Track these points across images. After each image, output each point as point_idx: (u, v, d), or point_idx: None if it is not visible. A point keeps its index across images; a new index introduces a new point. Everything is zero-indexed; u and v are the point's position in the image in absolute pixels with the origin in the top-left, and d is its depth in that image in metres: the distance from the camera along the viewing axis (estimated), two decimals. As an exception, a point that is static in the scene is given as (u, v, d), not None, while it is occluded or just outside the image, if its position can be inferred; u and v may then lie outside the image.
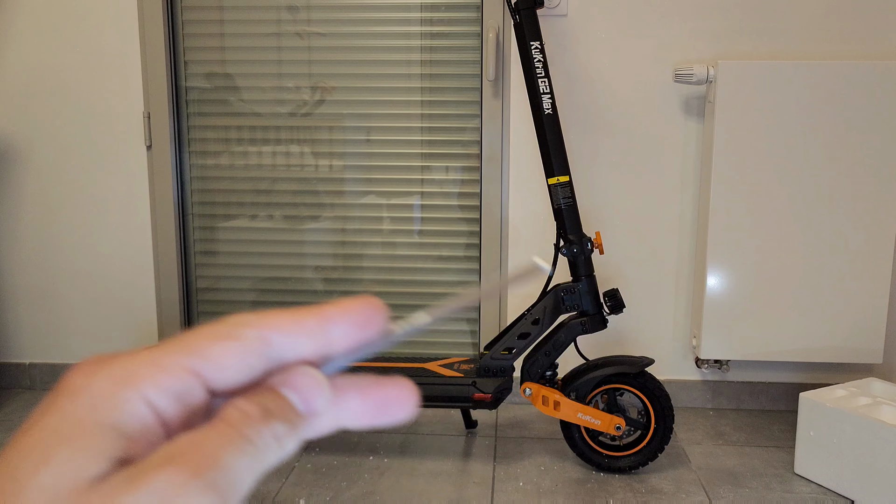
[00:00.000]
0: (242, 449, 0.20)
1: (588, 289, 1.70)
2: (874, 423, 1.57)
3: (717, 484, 1.70)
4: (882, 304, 1.93)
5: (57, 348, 2.28)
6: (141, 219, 2.20)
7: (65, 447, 0.19)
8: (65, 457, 0.19)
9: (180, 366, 0.20)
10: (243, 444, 0.20)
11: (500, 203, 2.12)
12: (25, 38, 2.14)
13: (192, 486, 0.18)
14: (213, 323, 0.22)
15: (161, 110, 2.15)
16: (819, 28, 1.98)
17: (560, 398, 1.70)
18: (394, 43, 2.12)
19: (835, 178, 1.90)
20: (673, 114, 2.05)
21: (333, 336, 0.22)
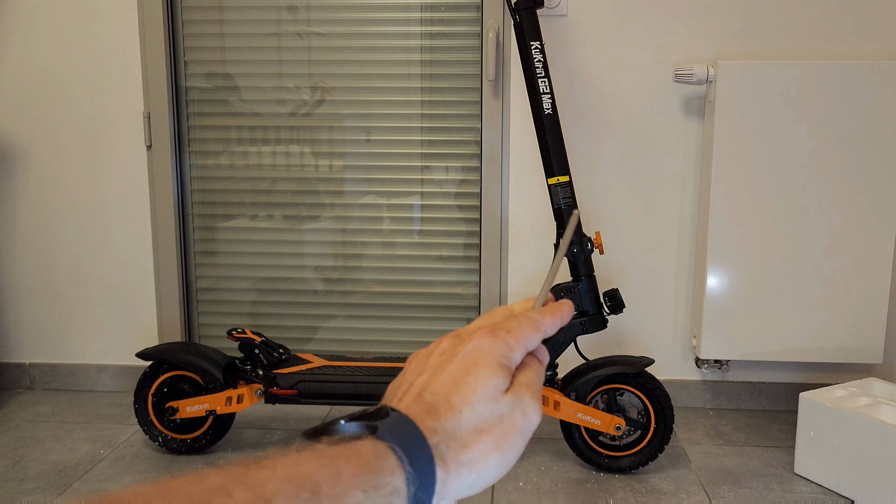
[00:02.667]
0: (541, 380, 0.42)
1: (588, 289, 1.70)
2: (874, 422, 1.57)
3: (717, 484, 1.70)
4: (882, 304, 1.94)
5: (57, 348, 2.28)
6: (141, 219, 2.20)
7: (494, 374, 0.39)
8: (497, 378, 0.39)
9: (524, 344, 0.42)
10: (541, 378, 0.42)
11: (500, 203, 2.12)
12: (25, 38, 2.14)
13: (532, 398, 0.40)
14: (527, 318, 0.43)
15: (161, 110, 2.15)
16: (819, 28, 1.98)
17: (560, 398, 1.70)
18: (394, 43, 2.12)
19: (835, 178, 1.90)
20: (673, 114, 2.05)
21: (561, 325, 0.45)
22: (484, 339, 0.41)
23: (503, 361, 0.40)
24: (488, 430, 0.38)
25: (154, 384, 1.82)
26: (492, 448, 0.37)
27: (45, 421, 2.05)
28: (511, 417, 0.39)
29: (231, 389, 1.78)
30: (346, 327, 2.27)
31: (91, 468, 1.76)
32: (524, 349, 0.42)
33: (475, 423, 0.37)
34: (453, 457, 0.36)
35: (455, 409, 0.37)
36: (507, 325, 0.42)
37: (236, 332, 1.81)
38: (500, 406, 0.39)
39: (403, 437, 0.35)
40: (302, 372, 1.77)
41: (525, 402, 0.40)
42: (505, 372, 0.40)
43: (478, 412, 0.38)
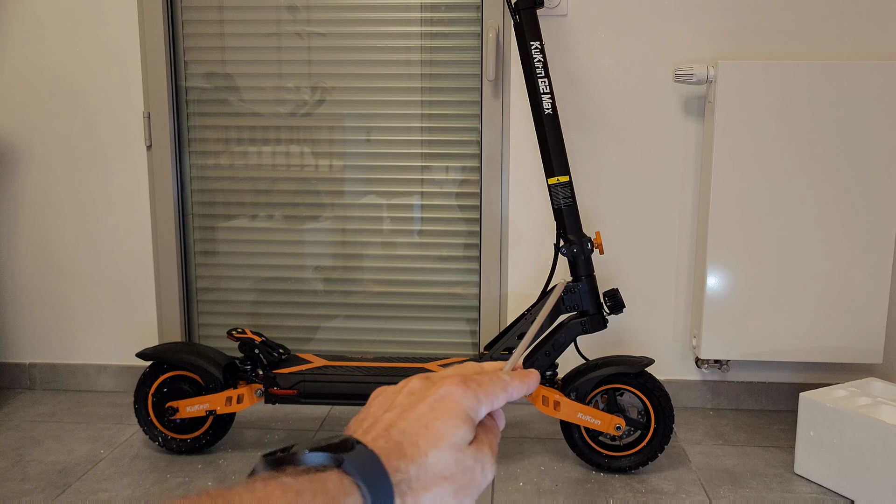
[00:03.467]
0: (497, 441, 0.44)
1: (588, 289, 1.70)
2: (874, 423, 1.57)
3: (717, 484, 1.70)
4: (882, 304, 1.94)
5: (57, 348, 2.28)
6: (141, 219, 2.20)
7: (462, 424, 0.40)
8: (464, 429, 0.40)
9: (491, 401, 0.43)
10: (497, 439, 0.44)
11: (500, 203, 2.12)
12: (25, 38, 2.14)
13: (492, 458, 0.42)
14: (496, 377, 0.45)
15: (161, 110, 2.15)
16: (819, 28, 1.98)
17: (560, 398, 1.70)
18: (394, 43, 2.12)
19: (835, 178, 1.90)
20: (673, 114, 2.05)
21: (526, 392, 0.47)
22: (455, 387, 0.42)
23: (470, 413, 0.41)
24: (451, 478, 0.39)
25: (154, 384, 1.82)
26: (450, 496, 0.39)
27: (45, 421, 2.05)
28: (472, 471, 0.40)
29: (231, 389, 1.78)
30: (346, 327, 2.27)
31: (91, 468, 1.76)
32: (490, 406, 0.43)
33: (439, 469, 0.38)
34: (414, 497, 0.37)
35: (422, 452, 0.38)
36: (478, 379, 0.43)
37: (236, 332, 1.81)
38: (465, 457, 0.40)
39: (368, 473, 0.36)
40: (302, 372, 1.77)
41: (486, 459, 0.41)
42: (471, 424, 0.41)
43: (443, 459, 0.39)
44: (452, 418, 0.40)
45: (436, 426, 0.40)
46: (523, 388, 0.46)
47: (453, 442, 0.39)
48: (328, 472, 0.35)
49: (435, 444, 0.39)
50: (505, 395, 0.44)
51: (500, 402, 0.44)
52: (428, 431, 0.39)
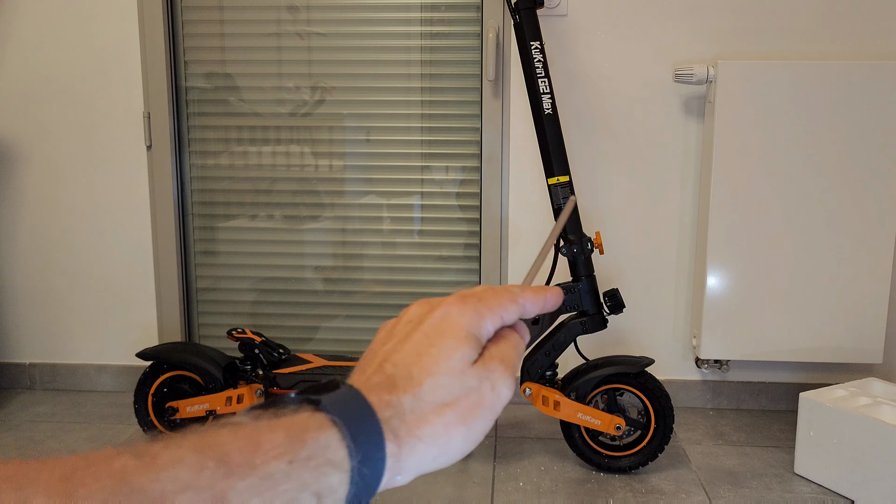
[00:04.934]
0: (517, 354, 0.40)
1: (588, 289, 1.70)
2: (874, 423, 1.57)
3: (717, 484, 1.70)
4: (882, 304, 1.93)
5: (57, 348, 2.28)
6: (141, 219, 2.20)
7: (461, 344, 0.37)
8: (464, 348, 0.37)
9: (498, 313, 0.40)
10: (518, 352, 0.40)
11: (500, 203, 2.12)
12: (25, 38, 2.14)
13: (505, 372, 0.38)
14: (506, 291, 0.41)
15: (161, 110, 2.15)
16: (819, 28, 1.98)
17: (560, 398, 1.70)
18: (394, 43, 2.12)
19: (835, 178, 1.90)
20: (673, 114, 2.05)
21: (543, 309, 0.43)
22: (452, 306, 0.39)
23: (471, 330, 0.38)
24: (453, 403, 0.36)
25: (154, 384, 1.82)
26: (455, 422, 0.36)
27: (45, 421, 2.05)
28: (479, 391, 0.37)
29: (231, 389, 1.78)
30: (346, 327, 2.27)
31: (91, 468, 1.76)
32: (498, 320, 0.40)
33: (438, 397, 0.36)
34: (410, 431, 0.35)
35: (415, 382, 0.36)
36: (479, 294, 0.40)
37: (236, 332, 1.81)
38: (467, 379, 0.37)
39: (348, 410, 0.33)
40: (302, 372, 1.77)
41: (495, 375, 0.38)
42: (473, 342, 0.38)
43: (441, 385, 0.36)
44: (449, 339, 0.37)
45: (430, 352, 0.37)
46: (538, 301, 0.42)
47: (451, 365, 0.37)
48: (302, 413, 0.33)
49: (430, 372, 0.36)
50: (515, 306, 0.41)
51: (512, 315, 0.41)
52: (422, 359, 0.37)
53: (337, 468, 0.32)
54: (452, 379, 0.36)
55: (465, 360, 0.37)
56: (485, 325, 0.39)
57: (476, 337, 0.38)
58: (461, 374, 0.37)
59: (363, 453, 0.33)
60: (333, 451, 0.32)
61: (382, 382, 0.36)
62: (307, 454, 0.31)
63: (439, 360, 0.37)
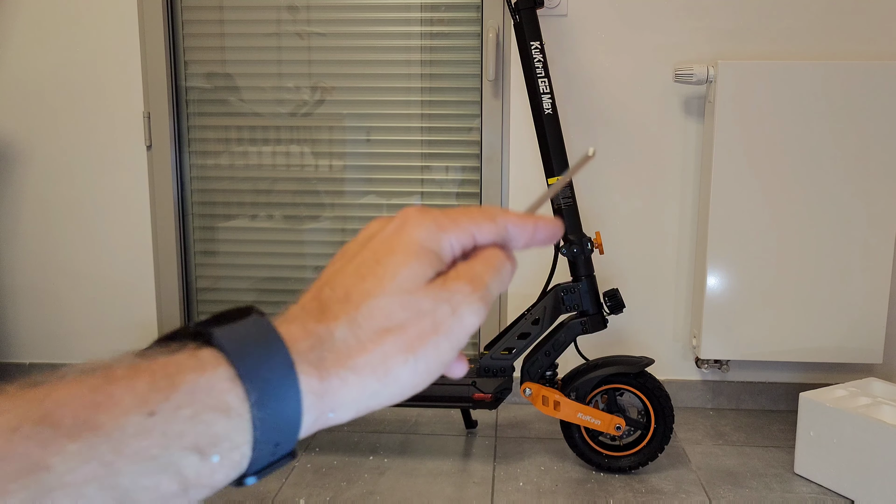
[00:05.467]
0: (496, 276, 0.33)
1: (588, 289, 1.70)
2: (874, 423, 1.57)
3: (717, 484, 1.70)
4: (882, 304, 1.93)
5: (57, 348, 2.28)
6: (141, 219, 2.20)
7: (411, 259, 0.31)
8: (414, 263, 0.31)
9: (467, 229, 0.34)
10: (497, 274, 0.33)
11: (500, 203, 2.12)
12: (25, 39, 2.14)
13: (472, 294, 0.32)
14: (482, 208, 0.35)
15: (161, 110, 2.15)
16: (819, 28, 1.98)
17: (560, 398, 1.70)
18: (394, 43, 2.12)
19: (835, 178, 1.90)
20: (673, 114, 2.05)
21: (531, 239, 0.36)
22: (409, 219, 0.33)
23: (427, 244, 0.32)
24: (397, 329, 0.30)
25: (154, 384, 1.82)
26: (398, 350, 0.30)
27: (45, 421, 2.05)
28: (432, 314, 0.31)
29: (231, 389, 1.77)
30: (346, 327, 2.26)
31: (91, 468, 1.76)
32: (466, 236, 0.34)
33: (379, 322, 0.30)
34: (339, 362, 0.29)
35: (352, 305, 0.30)
36: (447, 209, 0.34)
37: (236, 332, 1.80)
38: (418, 300, 0.31)
39: (246, 344, 0.28)
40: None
41: (458, 296, 0.31)
42: (428, 257, 0.32)
43: (382, 307, 0.30)
44: (398, 255, 0.31)
45: (375, 271, 0.31)
46: (525, 227, 0.35)
47: (398, 283, 0.31)
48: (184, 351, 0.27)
49: (370, 293, 0.31)
50: (491, 225, 0.34)
51: (486, 235, 0.34)
52: (364, 280, 0.31)
53: (225, 413, 0.26)
54: (397, 300, 0.31)
55: (417, 278, 0.31)
56: (446, 238, 0.33)
57: (433, 251, 0.32)
58: (410, 294, 0.31)
59: (263, 392, 0.27)
60: (220, 394, 0.27)
61: (313, 309, 0.31)
62: (178, 401, 0.26)
63: (384, 280, 0.31)
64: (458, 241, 0.33)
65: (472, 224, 0.34)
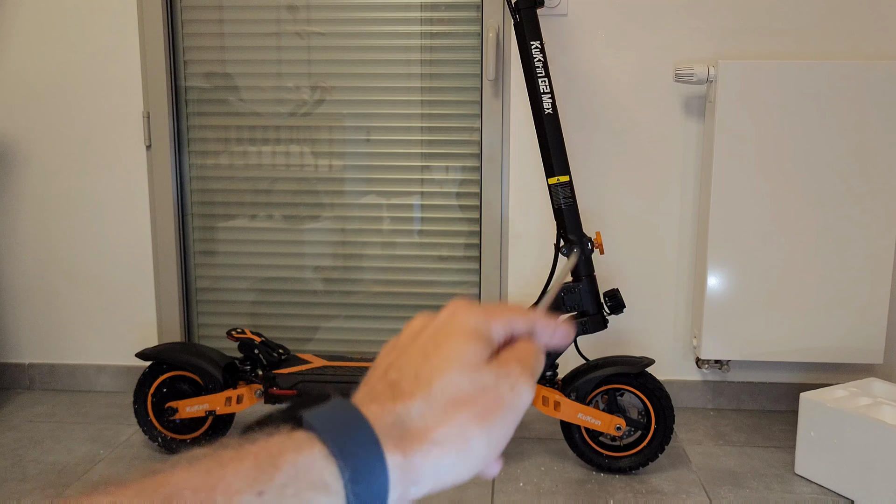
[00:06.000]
0: (537, 362, 0.37)
1: (588, 289, 1.70)
2: (875, 423, 1.56)
3: (718, 484, 1.70)
4: (882, 304, 1.93)
5: (57, 348, 2.28)
6: (141, 219, 2.20)
7: (470, 340, 0.35)
8: (474, 344, 0.35)
9: (507, 320, 0.38)
10: (537, 360, 0.37)
11: (500, 203, 2.11)
12: (25, 38, 2.14)
13: (524, 372, 0.35)
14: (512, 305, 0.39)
15: (160, 110, 2.14)
16: (819, 28, 1.98)
17: (560, 398, 1.70)
18: (394, 43, 2.12)
19: (835, 178, 1.90)
20: (673, 114, 2.05)
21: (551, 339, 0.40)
22: (459, 308, 0.36)
23: (480, 329, 0.35)
24: (469, 401, 0.33)
25: (153, 384, 1.82)
26: (472, 422, 0.32)
27: (45, 421, 2.05)
28: (496, 389, 0.33)
29: (230, 390, 1.78)
30: (346, 327, 2.26)
31: (90, 468, 1.76)
32: (507, 325, 0.37)
33: (451, 395, 0.32)
34: (420, 437, 0.31)
35: (423, 383, 0.33)
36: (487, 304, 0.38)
37: (236, 333, 1.81)
38: (482, 376, 0.34)
39: (335, 424, 0.30)
40: (302, 372, 1.77)
41: (514, 374, 0.35)
42: (483, 339, 0.35)
43: (454, 382, 0.33)
44: (457, 336, 0.34)
45: (439, 352, 0.34)
46: (548, 326, 0.39)
47: (464, 361, 0.34)
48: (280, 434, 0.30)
49: (440, 371, 0.33)
50: (525, 319, 0.38)
51: (521, 327, 0.38)
52: (429, 361, 0.34)
53: (324, 490, 0.28)
54: (465, 376, 0.33)
55: (478, 356, 0.34)
56: (493, 326, 0.36)
57: (485, 335, 0.36)
58: (475, 370, 0.34)
59: (355, 469, 0.29)
60: (318, 472, 0.29)
61: (385, 390, 0.33)
62: (283, 481, 0.28)
63: (449, 358, 0.33)
64: (503, 329, 0.37)
65: (511, 315, 0.38)
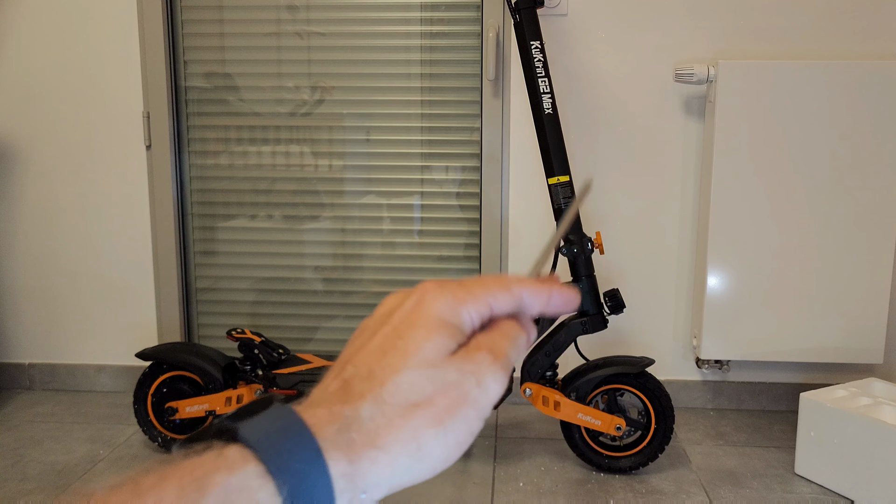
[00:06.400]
0: (514, 346, 0.34)
1: (588, 289, 1.70)
2: (875, 423, 1.56)
3: (718, 484, 1.70)
4: (882, 304, 1.93)
5: (57, 348, 2.28)
6: (141, 219, 2.20)
7: (433, 332, 0.32)
8: (437, 336, 0.32)
9: (484, 300, 0.34)
10: (514, 343, 0.34)
11: (500, 203, 2.11)
12: (25, 38, 2.14)
13: (494, 363, 0.32)
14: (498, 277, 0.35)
15: (160, 110, 2.14)
16: (819, 28, 1.98)
17: (560, 398, 1.70)
18: (394, 43, 2.12)
19: (835, 178, 1.90)
20: (673, 114, 2.05)
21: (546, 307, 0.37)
22: (427, 293, 0.33)
23: (447, 318, 0.32)
24: (425, 403, 0.30)
25: (153, 384, 1.82)
26: (428, 424, 0.30)
27: (45, 421, 2.05)
28: (459, 386, 0.31)
29: (231, 390, 1.78)
30: (346, 327, 2.26)
31: (90, 468, 1.76)
32: (483, 307, 0.34)
33: (406, 397, 0.30)
34: (369, 441, 0.29)
35: (376, 382, 0.30)
36: (463, 281, 0.34)
37: (236, 333, 1.81)
38: (443, 372, 0.31)
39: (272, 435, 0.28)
40: (302, 372, 1.77)
41: (481, 367, 0.31)
42: (449, 330, 0.32)
43: (408, 381, 0.30)
44: (419, 328, 0.32)
45: (397, 345, 0.31)
46: (540, 295, 0.35)
47: (423, 356, 0.31)
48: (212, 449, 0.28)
49: (395, 369, 0.30)
50: (507, 294, 0.34)
51: (503, 305, 0.34)
52: (385, 356, 0.31)
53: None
54: (423, 374, 0.31)
55: (440, 350, 0.31)
56: (465, 311, 0.33)
57: (453, 325, 0.32)
58: (434, 366, 0.31)
59: (294, 485, 0.27)
60: (251, 493, 0.27)
61: (337, 390, 0.31)
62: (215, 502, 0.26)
63: (407, 354, 0.31)
64: (477, 313, 0.34)
65: (489, 295, 0.34)
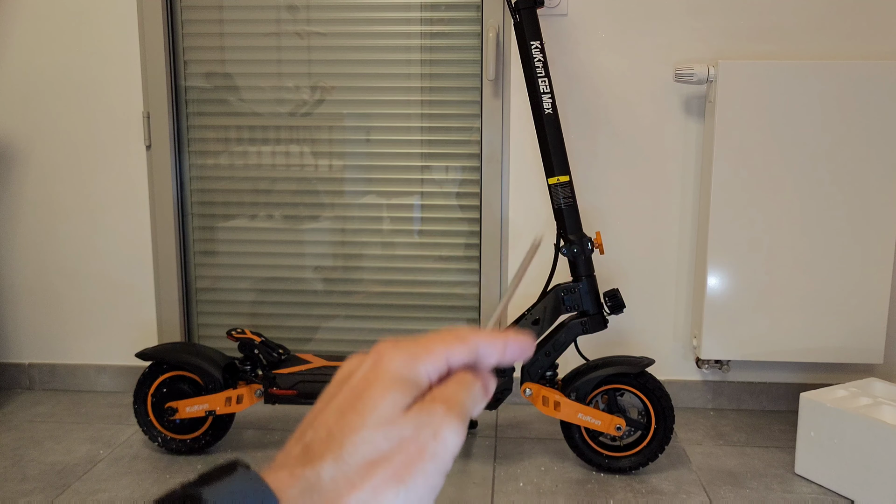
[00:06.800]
0: (470, 395, 0.34)
1: (588, 289, 1.70)
2: (875, 423, 1.56)
3: (718, 484, 1.70)
4: (883, 304, 1.93)
5: (56, 348, 2.28)
6: (140, 219, 2.20)
7: (388, 390, 0.32)
8: (392, 394, 0.32)
9: (440, 354, 0.34)
10: (470, 393, 0.34)
11: (500, 203, 2.11)
12: (25, 38, 2.14)
13: (448, 413, 0.32)
14: (454, 331, 0.36)
15: (160, 110, 2.14)
16: (819, 28, 1.98)
17: (560, 398, 1.70)
18: (394, 43, 2.12)
19: (835, 178, 1.90)
20: (673, 114, 2.05)
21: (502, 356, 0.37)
22: (383, 354, 0.34)
23: (403, 373, 0.33)
24: (384, 461, 0.30)
25: (153, 384, 1.82)
26: (388, 483, 0.30)
27: (45, 421, 2.05)
28: (416, 440, 0.31)
29: (230, 390, 1.77)
30: (346, 327, 2.26)
31: (90, 468, 1.76)
32: (440, 361, 0.34)
33: (364, 456, 0.30)
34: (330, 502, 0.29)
35: (335, 443, 0.31)
36: (418, 337, 0.35)
37: (236, 333, 1.81)
38: (399, 428, 0.31)
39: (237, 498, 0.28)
40: (302, 372, 1.77)
41: (436, 419, 0.31)
42: (405, 386, 0.32)
43: (366, 440, 0.31)
44: (375, 388, 0.32)
45: (354, 407, 0.32)
46: (495, 345, 0.36)
47: (378, 415, 0.31)
48: None
49: (352, 429, 0.31)
50: (463, 346, 0.35)
51: (459, 357, 0.35)
52: (343, 418, 0.31)
53: None
54: (379, 431, 0.31)
55: (397, 406, 0.32)
56: (420, 366, 0.33)
57: (409, 380, 0.33)
58: (390, 424, 0.31)
59: None
60: None
61: (299, 454, 0.31)
62: None
63: (364, 413, 0.31)
64: (434, 367, 0.34)
65: (445, 348, 0.34)
